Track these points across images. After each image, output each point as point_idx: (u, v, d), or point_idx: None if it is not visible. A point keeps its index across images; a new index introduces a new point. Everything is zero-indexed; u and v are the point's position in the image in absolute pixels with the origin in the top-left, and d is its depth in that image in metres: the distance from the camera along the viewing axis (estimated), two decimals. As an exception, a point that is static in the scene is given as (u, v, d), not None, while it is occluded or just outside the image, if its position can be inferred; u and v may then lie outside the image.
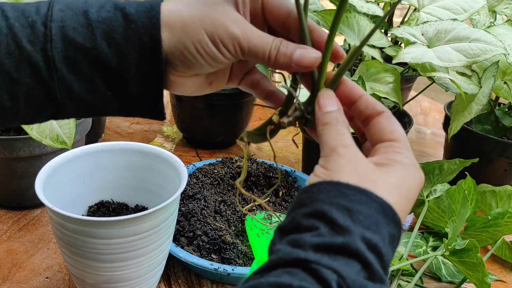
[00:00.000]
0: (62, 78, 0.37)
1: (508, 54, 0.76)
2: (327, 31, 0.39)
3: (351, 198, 0.31)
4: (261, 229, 0.75)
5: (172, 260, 0.71)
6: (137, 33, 0.37)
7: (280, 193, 0.85)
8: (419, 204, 0.83)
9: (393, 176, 0.33)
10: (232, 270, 0.65)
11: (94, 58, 0.37)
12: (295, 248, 0.29)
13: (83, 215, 0.67)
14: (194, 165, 0.87)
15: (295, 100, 0.40)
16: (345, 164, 0.33)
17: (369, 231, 0.30)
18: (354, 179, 0.32)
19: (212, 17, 0.37)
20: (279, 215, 0.78)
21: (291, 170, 0.88)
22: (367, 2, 0.83)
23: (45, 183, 0.57)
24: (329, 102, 0.38)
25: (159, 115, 0.41)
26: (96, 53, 0.37)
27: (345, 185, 0.31)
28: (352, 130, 0.39)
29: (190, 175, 0.83)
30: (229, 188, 0.83)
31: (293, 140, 0.44)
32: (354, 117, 0.40)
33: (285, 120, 0.40)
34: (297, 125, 0.41)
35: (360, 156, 0.34)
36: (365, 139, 0.40)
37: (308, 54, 0.38)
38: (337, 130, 0.36)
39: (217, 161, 0.88)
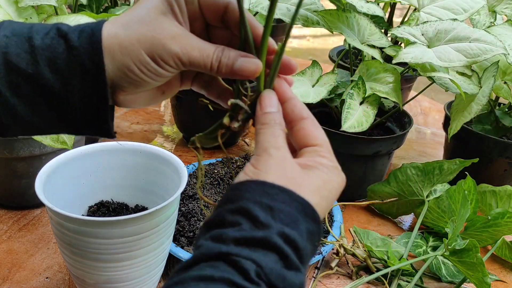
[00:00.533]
0: (6, 101, 0.38)
1: (508, 54, 0.76)
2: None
3: (275, 197, 0.33)
4: None
5: (172, 260, 0.71)
6: (80, 59, 0.38)
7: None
8: (419, 204, 0.83)
9: (316, 178, 0.36)
10: None
11: (37, 83, 0.38)
12: (218, 243, 0.31)
13: (83, 215, 0.67)
14: (194, 165, 0.87)
15: (242, 104, 0.41)
16: (273, 165, 0.35)
17: (287, 227, 0.32)
18: (280, 180, 0.34)
19: (149, 36, 0.38)
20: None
21: None
22: (367, 2, 0.83)
23: (45, 183, 0.57)
24: (270, 103, 0.40)
25: (109, 135, 0.42)
26: (39, 78, 0.38)
27: (270, 185, 0.34)
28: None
29: (190, 175, 0.83)
30: (229, 188, 0.83)
31: (244, 141, 0.45)
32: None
33: (235, 124, 0.42)
34: (247, 126, 0.43)
35: (289, 159, 0.36)
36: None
37: (249, 64, 0.40)
38: (272, 132, 0.38)
39: (217, 161, 0.88)
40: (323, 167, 0.37)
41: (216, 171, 0.84)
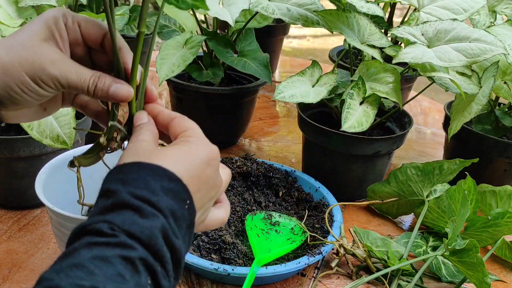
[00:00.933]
0: None
1: (508, 54, 0.76)
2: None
3: (125, 171, 0.38)
4: (261, 229, 0.75)
5: (172, 260, 0.71)
6: None
7: (280, 193, 0.85)
8: (419, 204, 0.83)
9: (176, 149, 0.41)
10: (232, 270, 0.65)
11: None
12: (81, 225, 0.36)
13: (83, 215, 0.67)
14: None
15: (119, 126, 0.47)
16: (130, 149, 0.42)
17: (137, 189, 0.37)
18: (132, 158, 0.40)
19: (30, 60, 0.42)
20: (279, 215, 0.78)
21: (291, 170, 0.88)
22: (367, 2, 0.83)
23: (45, 183, 0.57)
24: (141, 117, 0.46)
25: None
26: None
27: (122, 164, 0.39)
28: None
29: None
30: (229, 188, 0.83)
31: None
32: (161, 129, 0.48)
33: (114, 144, 0.47)
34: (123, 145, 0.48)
35: (145, 145, 0.42)
36: None
37: (122, 90, 0.45)
38: (141, 132, 0.44)
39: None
40: (185, 142, 0.42)
41: None
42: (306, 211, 0.81)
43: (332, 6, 0.93)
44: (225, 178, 0.48)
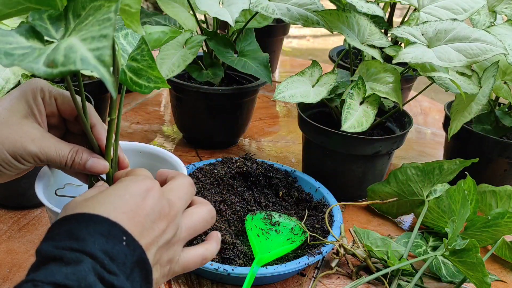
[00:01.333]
0: None
1: (508, 54, 0.76)
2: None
3: (52, 230, 0.38)
4: (261, 229, 0.75)
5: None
6: None
7: (280, 193, 0.85)
8: (419, 204, 0.83)
9: (101, 194, 0.41)
10: (232, 270, 0.65)
11: None
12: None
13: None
14: (194, 165, 0.87)
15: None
16: (62, 210, 0.42)
17: (60, 241, 0.36)
18: (61, 215, 0.40)
19: (11, 138, 0.45)
20: (279, 215, 0.78)
21: (291, 170, 0.88)
22: (367, 2, 0.83)
23: (45, 183, 0.57)
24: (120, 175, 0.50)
25: None
26: None
27: (51, 225, 0.39)
28: None
29: (190, 175, 0.83)
30: (229, 188, 0.83)
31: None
32: None
33: None
34: None
35: (79, 198, 0.42)
36: None
37: (98, 164, 0.49)
38: (88, 191, 0.46)
39: (217, 161, 0.88)
40: (115, 185, 0.43)
41: (216, 171, 0.84)
42: (306, 211, 0.81)
43: (332, 6, 0.93)
44: (202, 215, 0.47)
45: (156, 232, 0.41)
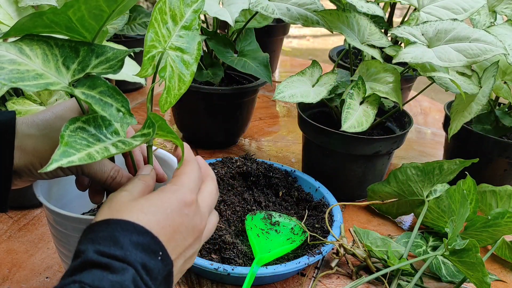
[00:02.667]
0: None
1: (508, 54, 0.76)
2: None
3: (95, 230, 0.39)
4: (261, 228, 0.75)
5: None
6: None
7: (280, 193, 0.85)
8: (419, 204, 0.83)
9: (146, 201, 0.42)
10: (232, 270, 0.65)
11: None
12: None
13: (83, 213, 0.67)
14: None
15: None
16: (105, 205, 0.42)
17: (105, 246, 0.37)
18: (103, 215, 0.40)
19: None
20: (279, 215, 0.78)
21: (291, 170, 0.88)
22: (367, 2, 0.83)
23: (44, 183, 0.57)
24: (144, 169, 0.49)
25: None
26: None
27: (94, 223, 0.40)
28: None
29: None
30: (229, 188, 0.83)
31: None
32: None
33: None
34: None
35: (122, 198, 0.42)
36: None
37: None
38: (129, 182, 0.45)
39: (217, 161, 0.88)
40: (161, 191, 0.43)
41: (216, 171, 0.84)
42: (306, 211, 0.81)
43: (332, 6, 0.93)
44: (215, 222, 0.49)
45: (185, 247, 0.43)
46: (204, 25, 1.01)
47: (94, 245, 0.37)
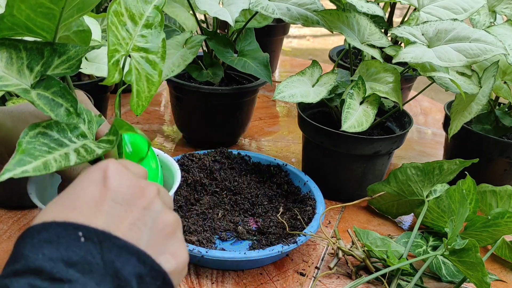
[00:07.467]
0: None
1: (508, 54, 0.76)
2: None
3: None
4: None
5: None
6: None
7: (270, 184, 0.86)
8: (419, 204, 0.83)
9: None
10: (206, 252, 0.66)
11: None
12: None
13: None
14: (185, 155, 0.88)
15: None
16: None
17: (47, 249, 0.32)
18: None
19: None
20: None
21: (283, 164, 0.89)
22: (367, 1, 0.83)
23: (39, 184, 0.56)
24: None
25: None
26: None
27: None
28: None
29: (178, 162, 0.86)
30: (216, 176, 0.83)
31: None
32: None
33: None
34: None
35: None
36: None
37: None
38: None
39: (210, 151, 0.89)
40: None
41: (206, 162, 0.87)
42: (291, 203, 0.82)
43: (332, 6, 0.93)
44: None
45: (136, 213, 0.36)
46: (204, 25, 1.02)
47: (4, 269, 0.34)
